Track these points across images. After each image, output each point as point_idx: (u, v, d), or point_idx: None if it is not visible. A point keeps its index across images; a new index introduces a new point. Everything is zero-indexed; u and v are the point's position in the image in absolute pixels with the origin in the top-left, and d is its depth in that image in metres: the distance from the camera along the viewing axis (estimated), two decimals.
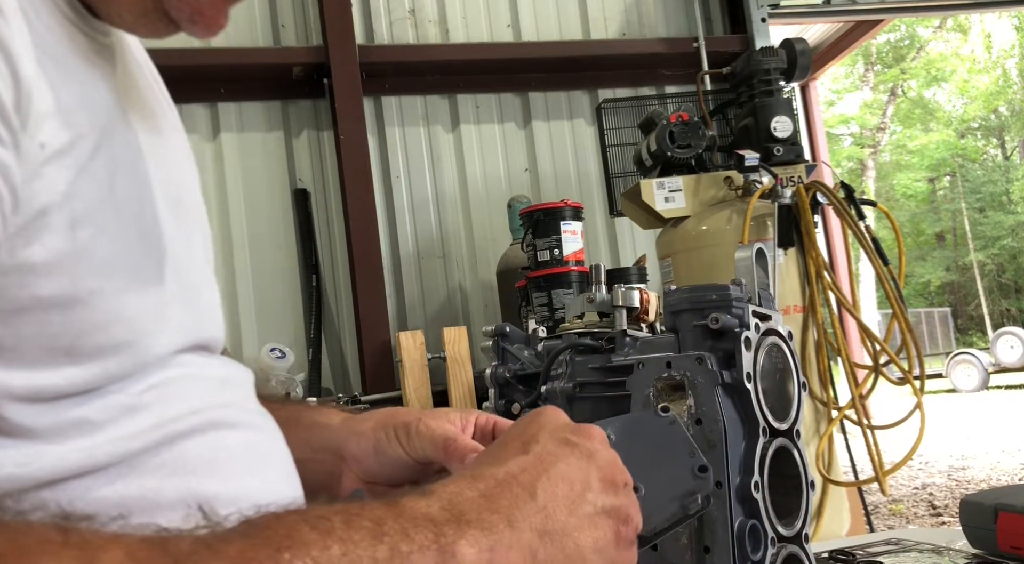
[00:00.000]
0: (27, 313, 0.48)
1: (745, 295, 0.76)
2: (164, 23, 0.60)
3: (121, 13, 0.60)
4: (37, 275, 0.48)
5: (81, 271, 0.50)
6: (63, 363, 0.50)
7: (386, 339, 3.49)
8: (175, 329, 0.60)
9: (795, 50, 3.04)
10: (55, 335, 0.50)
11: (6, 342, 0.48)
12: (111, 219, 0.53)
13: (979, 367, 13.05)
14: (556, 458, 0.54)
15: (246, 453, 0.62)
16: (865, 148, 23.92)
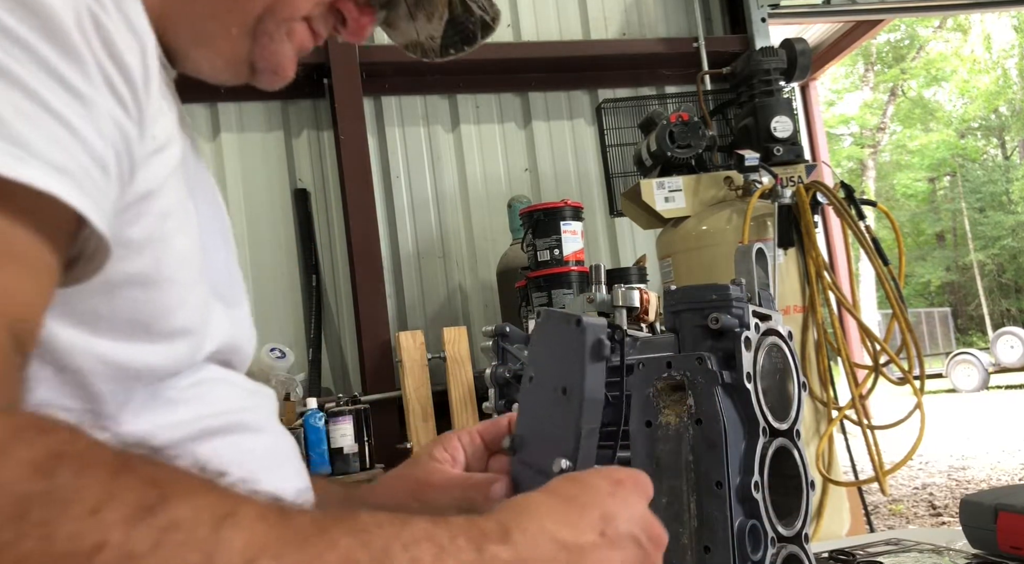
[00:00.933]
0: (120, 287, 0.51)
1: (745, 295, 0.76)
2: (245, 72, 0.69)
3: (213, 60, 0.68)
4: (133, 251, 0.52)
5: (163, 256, 0.54)
6: (142, 338, 0.54)
7: (386, 339, 3.49)
8: (218, 334, 0.64)
9: (795, 50, 3.04)
10: (139, 310, 0.53)
11: (101, 310, 0.51)
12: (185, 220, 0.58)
13: (979, 367, 13.05)
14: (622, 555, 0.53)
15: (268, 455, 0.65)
16: (865, 148, 23.92)
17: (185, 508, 0.36)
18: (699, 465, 0.72)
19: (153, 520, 0.35)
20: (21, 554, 0.32)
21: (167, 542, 0.35)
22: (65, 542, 0.33)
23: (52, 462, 0.35)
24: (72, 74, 0.43)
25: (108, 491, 0.35)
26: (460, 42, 0.88)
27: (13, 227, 0.40)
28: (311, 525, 0.40)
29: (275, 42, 0.69)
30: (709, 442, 0.71)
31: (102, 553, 0.33)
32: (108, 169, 0.46)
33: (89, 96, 0.44)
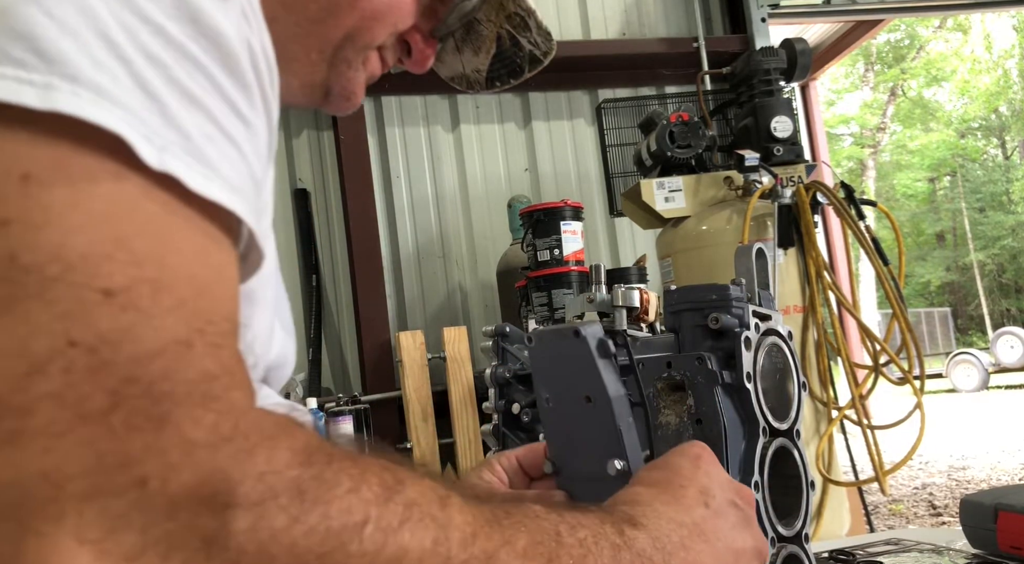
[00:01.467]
0: None
1: (745, 295, 0.76)
2: (319, 97, 0.72)
3: (289, 82, 0.68)
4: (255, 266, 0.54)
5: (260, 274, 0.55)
6: None
7: (386, 339, 3.49)
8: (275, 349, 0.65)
9: (795, 50, 3.04)
10: None
11: None
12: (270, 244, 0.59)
13: (979, 367, 13.05)
14: (727, 519, 0.59)
15: None
16: (865, 148, 23.93)
17: (416, 490, 0.42)
18: None
19: (397, 497, 0.41)
20: (310, 526, 0.38)
21: (411, 517, 0.41)
22: (341, 516, 0.38)
23: (310, 452, 0.40)
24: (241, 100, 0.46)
25: (359, 475, 0.40)
26: (506, 75, 0.89)
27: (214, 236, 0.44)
28: (501, 509, 0.46)
29: (352, 69, 0.71)
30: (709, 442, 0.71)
31: (367, 526, 0.39)
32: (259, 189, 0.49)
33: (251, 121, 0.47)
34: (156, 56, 0.42)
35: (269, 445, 0.39)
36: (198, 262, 0.41)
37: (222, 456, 0.37)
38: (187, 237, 0.41)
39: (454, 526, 0.42)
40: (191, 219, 0.42)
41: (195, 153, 0.42)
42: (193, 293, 0.40)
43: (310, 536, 0.37)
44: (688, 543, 0.54)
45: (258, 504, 0.37)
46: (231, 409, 0.39)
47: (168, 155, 0.41)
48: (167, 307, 0.38)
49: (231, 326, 0.43)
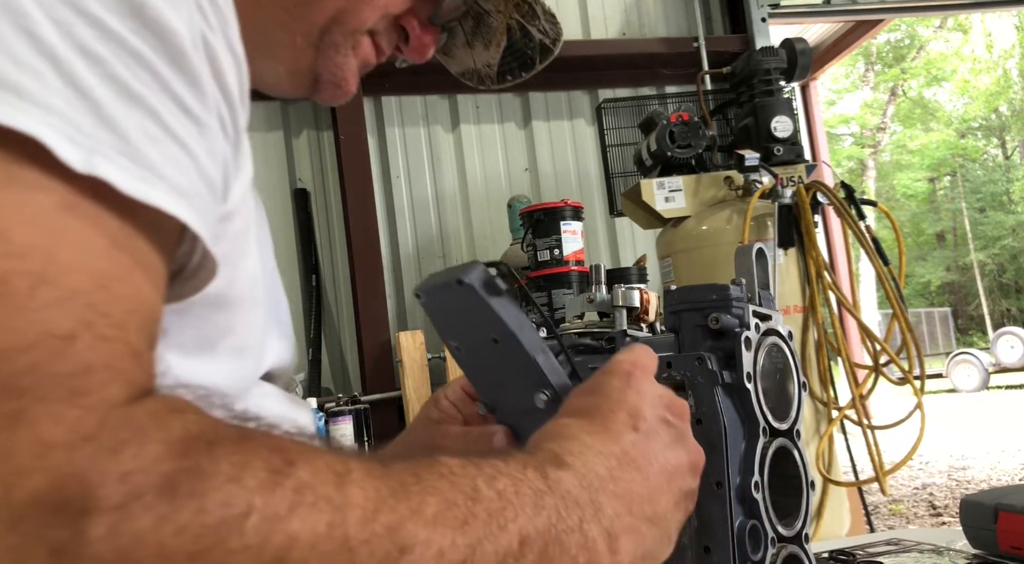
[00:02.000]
0: (194, 306, 0.51)
1: (745, 295, 0.76)
2: (307, 84, 0.69)
3: (276, 69, 0.67)
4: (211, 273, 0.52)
5: (235, 277, 0.54)
6: (205, 355, 0.54)
7: (386, 339, 3.49)
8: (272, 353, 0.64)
9: (795, 50, 3.04)
10: (206, 329, 0.54)
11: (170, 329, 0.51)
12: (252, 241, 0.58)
13: (979, 367, 13.06)
14: (658, 439, 0.57)
15: None
16: (865, 148, 23.93)
17: (308, 470, 0.39)
18: None
19: (287, 482, 0.38)
20: (181, 524, 0.35)
21: (302, 502, 0.38)
22: (218, 509, 0.35)
23: (188, 441, 0.37)
24: (190, 98, 0.44)
25: (242, 461, 0.37)
26: (518, 68, 0.88)
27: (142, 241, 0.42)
28: (409, 474, 0.43)
29: (340, 54, 0.69)
30: (709, 442, 0.71)
31: (250, 517, 0.36)
32: (215, 193, 0.47)
33: (204, 120, 0.45)
34: (91, 51, 0.40)
35: (138, 440, 0.36)
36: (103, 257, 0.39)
37: (80, 457, 0.34)
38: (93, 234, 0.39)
39: (352, 505, 0.39)
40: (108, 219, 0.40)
41: (132, 154, 0.40)
42: (90, 286, 0.38)
43: (181, 535, 0.34)
44: (617, 474, 0.53)
45: (119, 507, 0.34)
46: (100, 404, 0.36)
47: (98, 157, 0.39)
48: (47, 300, 0.36)
49: (138, 321, 0.40)
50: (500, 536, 0.44)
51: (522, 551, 0.44)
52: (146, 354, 0.41)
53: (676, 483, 0.57)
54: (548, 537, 0.46)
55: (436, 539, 0.41)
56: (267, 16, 0.65)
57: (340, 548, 0.38)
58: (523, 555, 0.44)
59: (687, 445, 0.59)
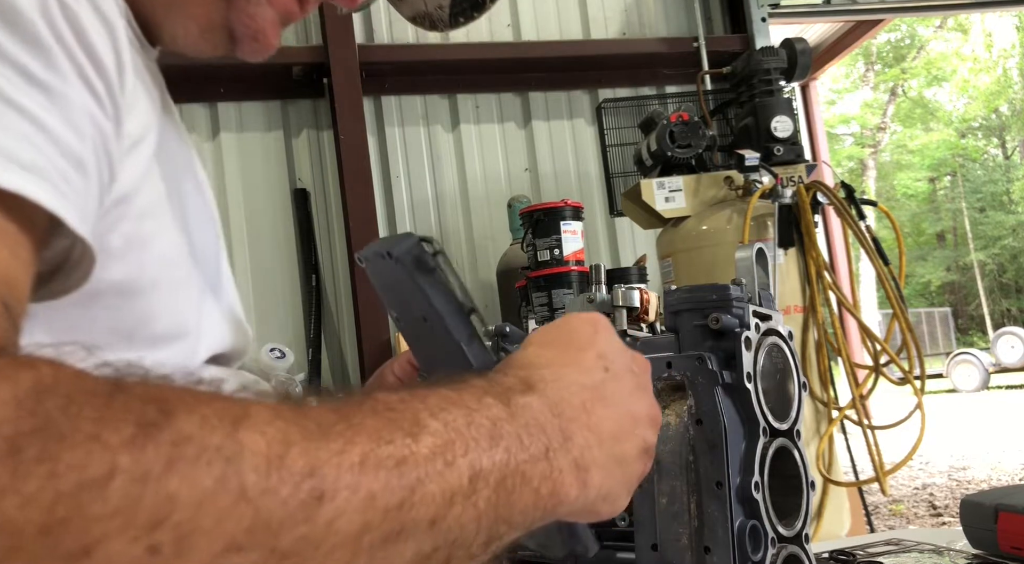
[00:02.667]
0: (100, 297, 0.49)
1: (745, 295, 0.76)
2: (224, 40, 0.64)
3: (188, 27, 0.63)
4: (113, 259, 0.49)
5: (145, 260, 0.51)
6: (123, 348, 0.51)
7: (386, 339, 3.48)
8: (215, 335, 0.62)
9: (795, 50, 3.04)
10: (119, 319, 0.51)
11: (80, 324, 0.49)
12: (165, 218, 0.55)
13: (979, 367, 13.05)
14: (628, 386, 0.56)
15: None
16: (865, 148, 23.92)
17: (192, 419, 0.34)
18: (699, 465, 0.72)
19: (160, 436, 0.32)
20: (27, 496, 0.30)
21: (181, 456, 0.32)
22: (71, 474, 0.30)
23: (38, 395, 0.32)
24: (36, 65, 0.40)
25: (104, 415, 0.32)
26: (470, 8, 0.84)
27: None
28: (331, 414, 0.38)
29: (252, 4, 0.64)
30: (709, 442, 0.71)
31: (114, 479, 0.31)
32: (86, 168, 0.43)
33: (58, 89, 0.41)
34: None
35: None
36: None
37: None
38: None
39: (249, 452, 0.34)
40: None
41: None
42: None
43: (28, 507, 0.29)
44: (590, 406, 0.51)
45: None
46: None
47: None
48: None
49: None
50: (446, 473, 0.40)
51: (473, 486, 0.41)
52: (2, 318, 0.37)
53: (640, 431, 0.55)
54: (506, 469, 0.43)
55: (365, 482, 0.36)
56: None
57: (236, 502, 0.33)
58: (475, 490, 0.41)
59: (648, 398, 0.58)
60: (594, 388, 0.52)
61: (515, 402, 0.46)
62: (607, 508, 0.52)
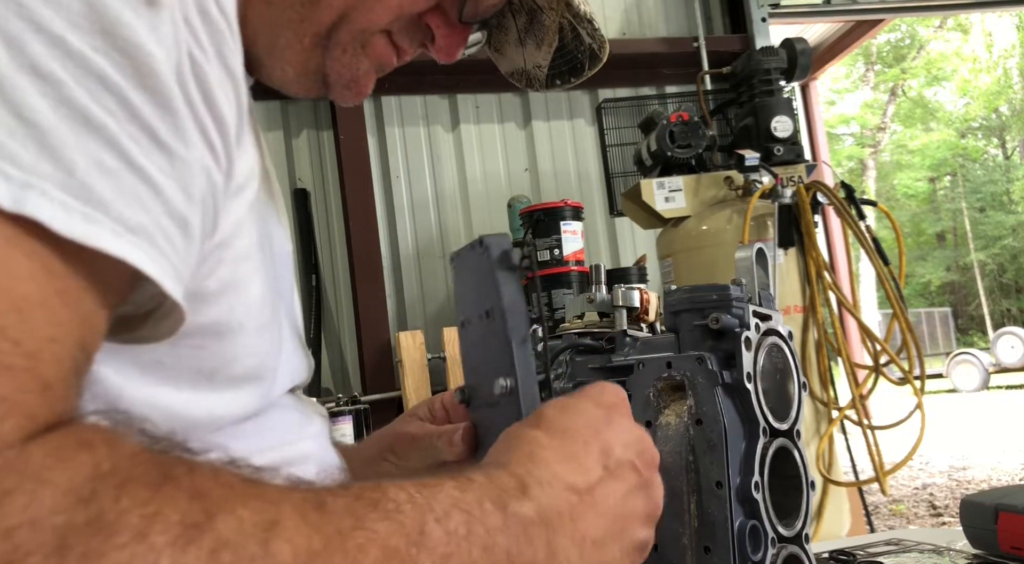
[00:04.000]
0: (188, 336, 0.48)
1: (745, 295, 0.76)
2: (318, 86, 0.66)
3: (285, 69, 0.64)
4: (206, 303, 0.49)
5: (236, 304, 0.52)
6: (204, 386, 0.52)
7: (386, 339, 3.49)
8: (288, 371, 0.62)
9: (795, 50, 3.03)
10: (203, 359, 0.51)
11: (166, 359, 0.49)
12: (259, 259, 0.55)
13: (979, 367, 13.05)
14: (624, 485, 0.56)
15: None
16: (865, 148, 23.92)
17: (231, 523, 0.35)
18: (699, 465, 0.72)
19: (203, 540, 0.34)
20: None
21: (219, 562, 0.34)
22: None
23: (95, 483, 0.33)
24: (164, 129, 0.41)
25: (154, 512, 0.33)
26: (568, 73, 0.86)
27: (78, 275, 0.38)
28: (349, 517, 0.40)
29: (348, 55, 0.65)
30: (709, 442, 0.71)
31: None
32: (190, 228, 0.44)
33: (180, 153, 0.42)
34: (46, 72, 0.37)
35: (32, 486, 0.32)
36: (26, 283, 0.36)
37: None
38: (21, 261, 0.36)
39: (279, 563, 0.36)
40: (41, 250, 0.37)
41: (75, 189, 0.37)
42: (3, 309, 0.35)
43: None
44: (577, 513, 0.51)
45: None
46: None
47: (33, 193, 0.36)
48: None
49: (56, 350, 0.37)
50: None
51: None
52: (58, 386, 0.37)
53: (629, 533, 0.55)
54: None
55: None
56: (278, 17, 0.62)
57: None
58: None
59: (649, 494, 0.58)
60: (587, 491, 0.53)
61: (510, 510, 0.48)
62: None
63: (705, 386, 0.72)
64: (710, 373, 0.72)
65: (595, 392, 0.60)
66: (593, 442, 0.55)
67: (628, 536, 0.55)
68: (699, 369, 0.73)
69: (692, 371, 0.73)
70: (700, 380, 0.73)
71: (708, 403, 0.72)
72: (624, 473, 0.56)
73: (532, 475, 0.51)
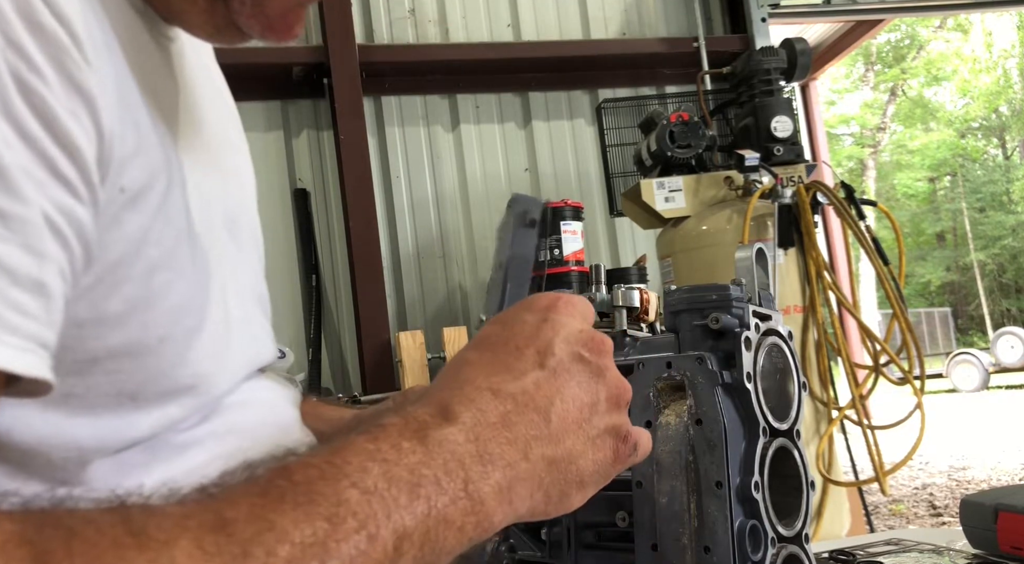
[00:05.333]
0: (99, 363, 0.47)
1: (745, 295, 0.76)
2: (239, 35, 0.59)
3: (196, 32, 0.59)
4: (111, 326, 0.47)
5: (153, 318, 0.50)
6: (127, 408, 0.50)
7: (386, 339, 3.49)
8: (235, 367, 0.60)
9: (795, 50, 3.04)
10: (123, 381, 0.49)
11: (76, 390, 0.48)
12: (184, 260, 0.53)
13: (979, 367, 13.05)
14: (569, 377, 0.53)
15: None
16: (865, 148, 23.92)
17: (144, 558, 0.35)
18: (699, 465, 0.72)
19: None
20: None
21: None
22: None
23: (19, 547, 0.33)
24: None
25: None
26: None
27: None
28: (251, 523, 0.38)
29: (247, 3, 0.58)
30: (709, 442, 0.71)
31: None
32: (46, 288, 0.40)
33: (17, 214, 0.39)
34: None
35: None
36: None
37: None
38: None
39: None
40: None
41: None
42: None
43: None
44: (513, 417, 0.49)
45: None
46: None
47: None
48: None
49: None
50: (373, 545, 0.40)
51: (400, 548, 0.42)
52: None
53: (590, 421, 0.53)
54: (428, 520, 0.43)
55: None
56: None
57: None
58: (401, 554, 0.42)
59: (606, 380, 0.55)
60: (521, 393, 0.51)
61: (432, 439, 0.46)
62: (554, 509, 0.51)
63: (705, 386, 0.72)
64: (710, 373, 0.72)
65: (528, 301, 0.58)
66: (527, 346, 0.53)
67: (589, 425, 0.53)
68: (699, 369, 0.73)
69: (692, 371, 0.73)
70: (700, 380, 0.73)
71: (708, 403, 0.72)
72: (568, 365, 0.53)
73: (456, 396, 0.49)
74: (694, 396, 0.73)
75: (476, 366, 0.52)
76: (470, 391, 0.50)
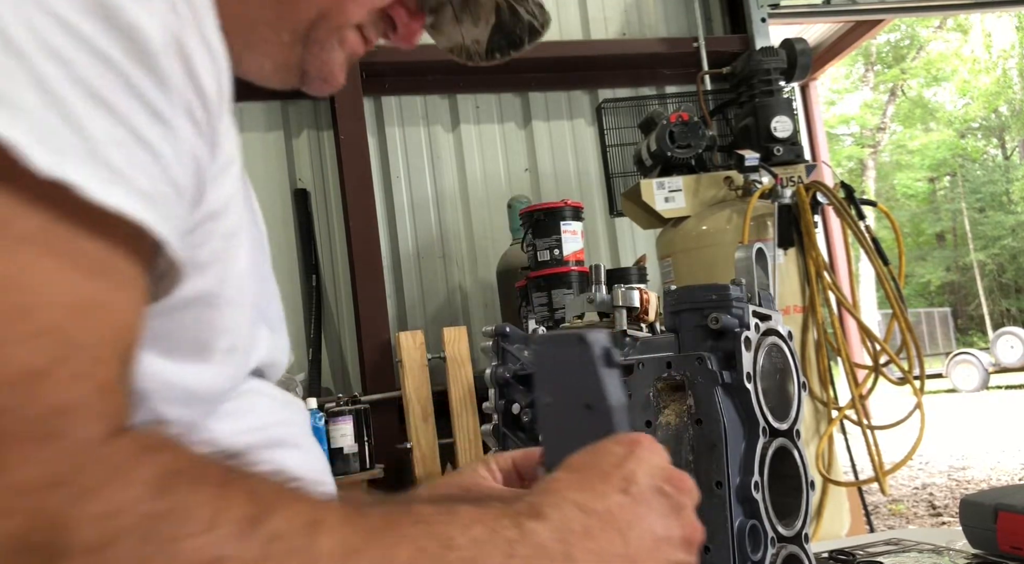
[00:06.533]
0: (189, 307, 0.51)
1: (745, 295, 0.76)
2: (294, 78, 0.69)
3: (263, 64, 0.68)
4: (198, 271, 0.51)
5: (226, 276, 0.53)
6: (202, 358, 0.54)
7: (386, 339, 3.49)
8: (261, 348, 0.63)
9: (795, 50, 3.03)
10: (201, 329, 0.53)
11: (167, 330, 0.51)
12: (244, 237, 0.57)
13: (979, 367, 13.05)
14: (650, 508, 0.56)
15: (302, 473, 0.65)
16: (865, 148, 23.92)
17: (282, 518, 0.40)
18: (699, 465, 0.72)
19: (259, 532, 0.39)
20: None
21: (273, 552, 0.39)
22: (191, 555, 0.36)
23: (168, 480, 0.38)
24: (159, 100, 0.44)
25: (219, 506, 0.38)
26: (506, 46, 0.89)
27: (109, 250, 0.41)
28: (382, 520, 0.44)
29: (326, 50, 0.69)
30: (709, 442, 0.71)
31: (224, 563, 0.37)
32: (183, 194, 0.47)
33: (172, 122, 0.45)
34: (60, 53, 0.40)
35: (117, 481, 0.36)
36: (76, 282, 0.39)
37: (56, 499, 0.35)
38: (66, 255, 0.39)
39: (322, 555, 0.40)
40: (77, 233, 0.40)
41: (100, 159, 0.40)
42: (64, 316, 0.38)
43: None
44: (594, 532, 0.52)
45: (96, 550, 0.35)
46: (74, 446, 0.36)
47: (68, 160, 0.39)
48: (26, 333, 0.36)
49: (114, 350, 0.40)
50: None
51: None
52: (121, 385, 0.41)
53: (663, 553, 0.55)
54: None
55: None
56: (253, 13, 0.65)
57: None
58: None
59: (682, 518, 0.57)
60: (606, 512, 0.53)
61: (525, 526, 0.49)
62: None
63: (705, 386, 0.72)
64: (710, 373, 0.72)
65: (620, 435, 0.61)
66: (613, 473, 0.56)
67: (661, 555, 0.55)
68: (699, 369, 0.73)
69: (692, 371, 0.73)
70: (700, 380, 0.73)
71: (708, 403, 0.72)
72: (649, 497, 0.56)
73: (546, 502, 0.52)
74: (694, 396, 0.73)
75: (563, 482, 0.55)
76: (557, 500, 0.53)
